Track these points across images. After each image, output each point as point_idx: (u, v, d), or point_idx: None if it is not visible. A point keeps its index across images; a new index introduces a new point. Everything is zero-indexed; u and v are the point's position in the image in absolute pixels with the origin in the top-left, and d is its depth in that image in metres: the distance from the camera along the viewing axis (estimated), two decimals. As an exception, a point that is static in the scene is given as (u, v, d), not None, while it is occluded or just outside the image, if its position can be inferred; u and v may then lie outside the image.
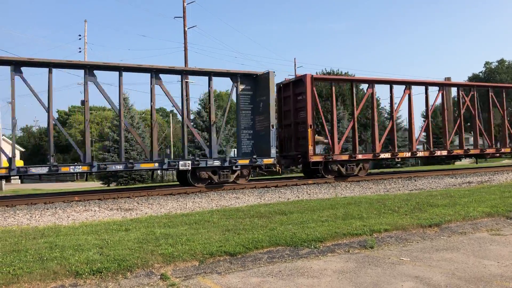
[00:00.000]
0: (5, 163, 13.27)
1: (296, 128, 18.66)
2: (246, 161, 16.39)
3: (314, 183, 17.08)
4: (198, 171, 15.59)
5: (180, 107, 16.29)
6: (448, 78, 33.81)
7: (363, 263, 6.02)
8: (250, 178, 17.16)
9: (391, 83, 20.24)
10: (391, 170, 31.71)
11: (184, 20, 33.89)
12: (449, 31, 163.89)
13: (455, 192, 12.73)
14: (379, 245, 7.04)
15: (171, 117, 58.37)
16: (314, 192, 14.85)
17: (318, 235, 7.17)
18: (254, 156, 16.43)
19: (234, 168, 16.09)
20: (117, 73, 15.25)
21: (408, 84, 20.39)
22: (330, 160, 17.89)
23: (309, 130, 17.56)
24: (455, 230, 8.04)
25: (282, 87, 19.54)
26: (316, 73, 50.35)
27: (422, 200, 10.71)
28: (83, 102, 15.11)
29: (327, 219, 8.61)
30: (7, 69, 13.64)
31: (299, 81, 18.48)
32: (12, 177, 14.00)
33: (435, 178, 18.52)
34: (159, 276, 5.59)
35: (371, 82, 19.72)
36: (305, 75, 17.98)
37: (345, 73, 54.50)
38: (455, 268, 5.66)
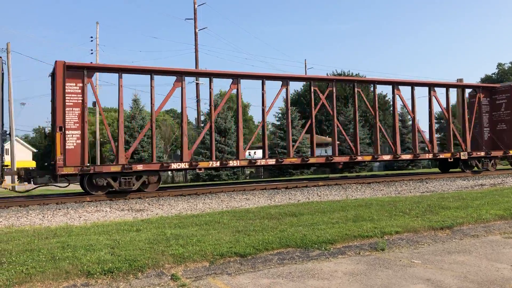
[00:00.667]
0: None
1: None
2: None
3: (324, 185, 17.02)
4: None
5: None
6: (461, 80, 33.50)
7: (374, 265, 5.99)
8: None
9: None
10: (398, 172, 31.49)
11: (195, 22, 34.06)
12: (462, 31, 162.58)
13: (467, 194, 12.61)
14: (390, 247, 7.00)
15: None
16: (325, 194, 14.81)
17: (328, 237, 7.15)
18: None
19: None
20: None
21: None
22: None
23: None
24: (467, 232, 7.96)
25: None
26: (328, 73, 50.19)
27: (433, 202, 10.62)
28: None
29: (338, 221, 8.58)
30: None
31: None
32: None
33: (446, 180, 18.36)
34: (169, 277, 5.62)
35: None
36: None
37: (356, 74, 54.32)
38: (467, 271, 5.61)
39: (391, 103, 20.55)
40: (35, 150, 61.04)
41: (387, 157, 19.51)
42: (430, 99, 20.66)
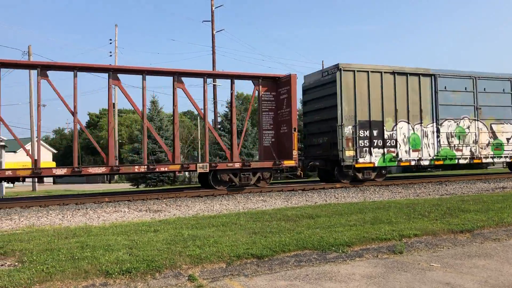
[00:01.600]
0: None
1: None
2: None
3: (341, 187, 16.92)
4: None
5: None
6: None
7: (392, 268, 5.93)
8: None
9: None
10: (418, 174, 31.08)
11: (212, 24, 34.24)
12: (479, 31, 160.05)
13: (488, 197, 12.39)
14: (409, 251, 6.92)
15: (198, 120, 58.93)
16: (342, 196, 14.72)
17: (346, 239, 7.10)
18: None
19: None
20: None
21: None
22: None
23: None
24: (488, 236, 7.82)
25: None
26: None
27: (453, 205, 10.47)
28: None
29: (355, 223, 8.52)
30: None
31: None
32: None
33: (466, 183, 18.07)
34: (187, 277, 5.64)
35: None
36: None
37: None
38: (488, 276, 5.51)
39: None
40: (55, 151, 62.06)
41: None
42: None
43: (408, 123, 18.25)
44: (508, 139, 20.24)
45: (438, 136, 18.76)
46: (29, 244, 7.09)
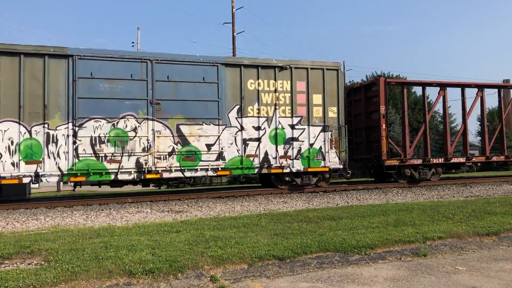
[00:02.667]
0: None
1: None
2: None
3: (364, 189, 16.77)
4: None
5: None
6: (507, 81, 32.25)
7: (416, 271, 5.84)
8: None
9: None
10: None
11: (233, 26, 34.34)
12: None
13: (514, 199, 12.11)
14: (433, 253, 6.81)
15: None
16: (364, 198, 14.58)
17: (368, 241, 7.03)
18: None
19: None
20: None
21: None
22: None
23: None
24: (515, 239, 7.64)
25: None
26: (368, 75, 49.51)
27: (478, 208, 10.26)
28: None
29: (378, 225, 8.43)
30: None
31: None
32: None
33: (492, 185, 17.70)
34: (209, 278, 5.67)
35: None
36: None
37: (397, 75, 53.29)
38: (516, 280, 5.38)
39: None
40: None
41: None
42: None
43: (20, 123, 12.74)
44: (209, 146, 14.63)
45: (75, 142, 13.19)
46: (54, 243, 7.23)
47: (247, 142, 15.08)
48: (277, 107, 15.46)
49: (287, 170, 15.48)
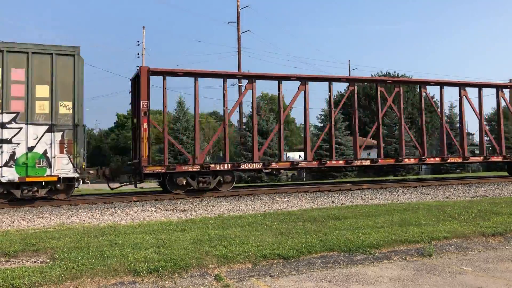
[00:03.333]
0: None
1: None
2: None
3: (369, 188, 16.72)
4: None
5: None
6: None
7: (421, 271, 5.82)
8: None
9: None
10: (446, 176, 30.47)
11: (238, 25, 34.36)
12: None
13: (521, 200, 12.03)
14: (438, 253, 6.78)
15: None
16: (369, 198, 14.54)
17: (373, 241, 7.02)
18: None
19: None
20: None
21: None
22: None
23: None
24: (522, 240, 7.59)
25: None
26: (372, 75, 49.20)
27: (484, 208, 10.21)
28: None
29: (383, 225, 8.40)
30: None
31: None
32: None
33: (498, 185, 17.59)
34: (213, 277, 5.67)
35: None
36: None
37: (402, 75, 53.04)
38: (522, 281, 5.35)
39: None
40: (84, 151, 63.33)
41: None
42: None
43: None
44: None
45: None
46: (60, 241, 7.26)
47: None
48: None
49: None
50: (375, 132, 18.90)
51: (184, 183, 14.76)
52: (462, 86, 19.74)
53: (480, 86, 20.14)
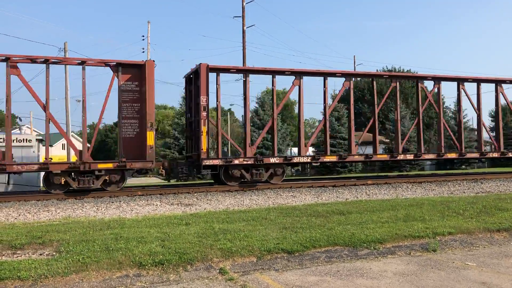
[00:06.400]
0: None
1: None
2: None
3: (373, 184, 16.70)
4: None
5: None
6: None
7: (425, 266, 5.82)
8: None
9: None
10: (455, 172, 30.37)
11: (243, 20, 34.25)
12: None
13: (526, 196, 11.98)
14: (443, 249, 6.78)
15: (229, 116, 59.38)
16: (374, 193, 14.52)
17: (378, 236, 7.02)
18: None
19: None
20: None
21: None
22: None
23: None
24: (527, 236, 7.57)
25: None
26: (377, 70, 49.02)
27: (489, 204, 10.18)
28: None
29: (387, 220, 8.40)
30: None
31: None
32: None
33: (503, 181, 17.51)
34: (218, 270, 5.70)
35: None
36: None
37: (407, 70, 52.83)
38: (527, 276, 5.34)
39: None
40: (88, 145, 63.62)
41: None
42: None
43: None
44: None
45: None
46: (65, 235, 7.31)
47: None
48: None
49: None
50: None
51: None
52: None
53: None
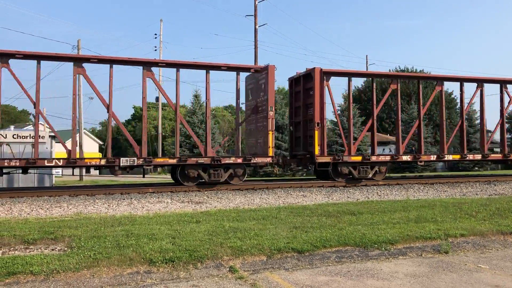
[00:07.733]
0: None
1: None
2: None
3: (385, 184, 16.59)
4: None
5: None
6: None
7: (437, 268, 5.77)
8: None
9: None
10: (464, 173, 30.07)
11: (255, 19, 34.23)
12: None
13: (540, 198, 11.81)
14: (455, 250, 6.71)
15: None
16: (385, 194, 14.43)
17: (389, 237, 6.97)
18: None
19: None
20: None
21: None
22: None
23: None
24: (541, 239, 7.46)
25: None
26: (390, 70, 48.77)
27: (503, 206, 10.05)
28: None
29: (399, 221, 8.34)
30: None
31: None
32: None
33: (517, 183, 17.30)
34: (228, 268, 5.70)
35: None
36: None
37: (420, 70, 52.38)
38: (541, 280, 5.26)
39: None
40: (101, 142, 64.06)
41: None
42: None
43: None
44: None
45: None
46: (77, 230, 7.37)
47: None
48: None
49: None
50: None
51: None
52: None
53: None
